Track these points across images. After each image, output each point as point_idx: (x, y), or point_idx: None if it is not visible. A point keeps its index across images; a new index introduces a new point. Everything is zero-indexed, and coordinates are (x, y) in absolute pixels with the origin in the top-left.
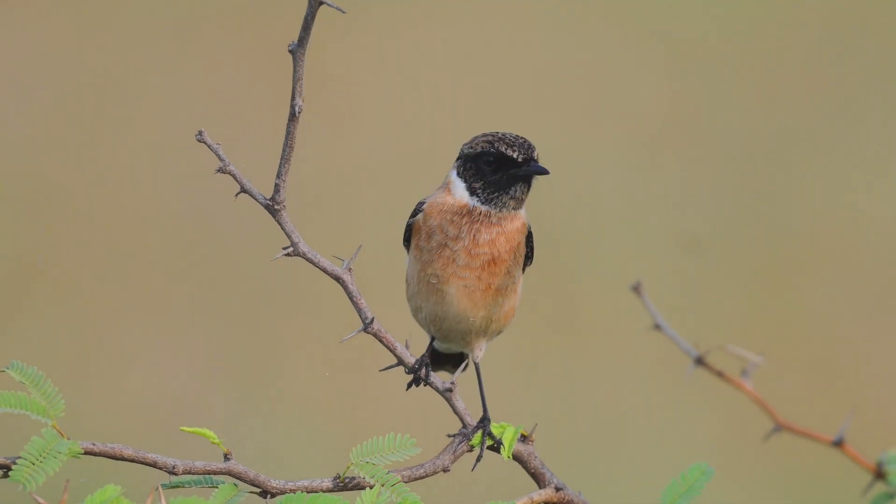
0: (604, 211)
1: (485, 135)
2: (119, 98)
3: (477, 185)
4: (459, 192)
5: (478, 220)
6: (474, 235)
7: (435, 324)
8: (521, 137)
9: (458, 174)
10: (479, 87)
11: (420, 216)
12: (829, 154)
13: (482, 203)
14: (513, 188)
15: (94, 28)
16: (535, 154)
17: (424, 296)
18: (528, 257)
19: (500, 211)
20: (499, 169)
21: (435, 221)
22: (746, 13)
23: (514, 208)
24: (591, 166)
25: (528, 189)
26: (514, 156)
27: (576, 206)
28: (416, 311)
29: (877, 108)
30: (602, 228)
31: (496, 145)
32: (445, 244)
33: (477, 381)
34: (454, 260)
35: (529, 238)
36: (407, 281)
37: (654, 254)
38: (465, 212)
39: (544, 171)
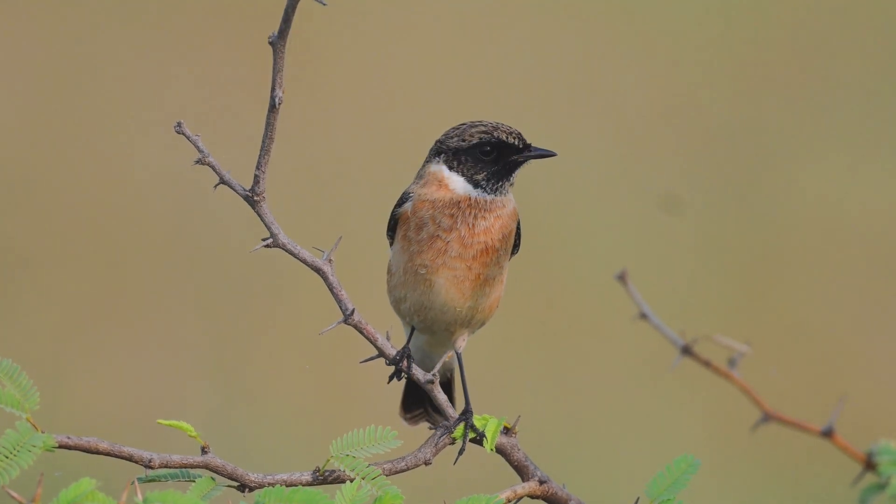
0: (589, 202)
1: (472, 125)
2: (97, 90)
3: (480, 177)
4: (460, 187)
5: (475, 209)
6: (471, 224)
7: (419, 314)
8: (504, 124)
9: (452, 168)
10: (461, 79)
11: (408, 206)
12: (815, 148)
13: (488, 193)
14: (513, 175)
15: (74, 16)
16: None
17: (411, 285)
18: (516, 245)
19: (496, 196)
20: (499, 157)
21: (427, 213)
22: (733, 7)
23: (505, 193)
24: (576, 159)
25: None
26: (515, 143)
27: (561, 197)
28: (398, 302)
29: (862, 101)
30: (587, 219)
31: (495, 134)
32: (437, 235)
33: (459, 373)
34: (446, 251)
35: (517, 225)
36: (390, 271)
37: (641, 246)
38: (455, 202)
39: (551, 154)
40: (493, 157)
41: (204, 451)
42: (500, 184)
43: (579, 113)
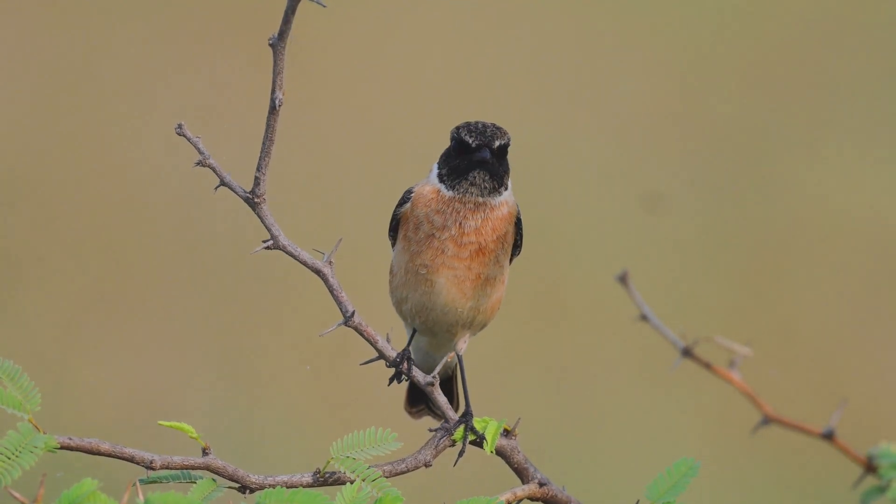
0: (589, 202)
1: (465, 123)
2: (99, 90)
3: (444, 172)
4: (432, 179)
5: (462, 209)
6: (460, 223)
7: (421, 315)
8: (491, 126)
9: (438, 162)
10: (463, 79)
11: (408, 205)
12: (816, 146)
13: (447, 189)
14: (471, 174)
15: (75, 15)
16: (493, 141)
17: (412, 286)
18: (517, 245)
19: (476, 197)
20: (460, 155)
21: (421, 212)
22: (732, 9)
23: (478, 195)
24: (576, 158)
25: (490, 176)
26: (470, 141)
27: (561, 196)
28: (400, 303)
29: (863, 98)
30: (587, 219)
31: (460, 131)
32: (433, 234)
33: (460, 375)
34: (443, 251)
35: (518, 225)
36: (392, 271)
37: (641, 245)
38: (445, 200)
39: (481, 159)
40: (456, 154)
41: (205, 452)
42: (458, 181)
43: (579, 111)
